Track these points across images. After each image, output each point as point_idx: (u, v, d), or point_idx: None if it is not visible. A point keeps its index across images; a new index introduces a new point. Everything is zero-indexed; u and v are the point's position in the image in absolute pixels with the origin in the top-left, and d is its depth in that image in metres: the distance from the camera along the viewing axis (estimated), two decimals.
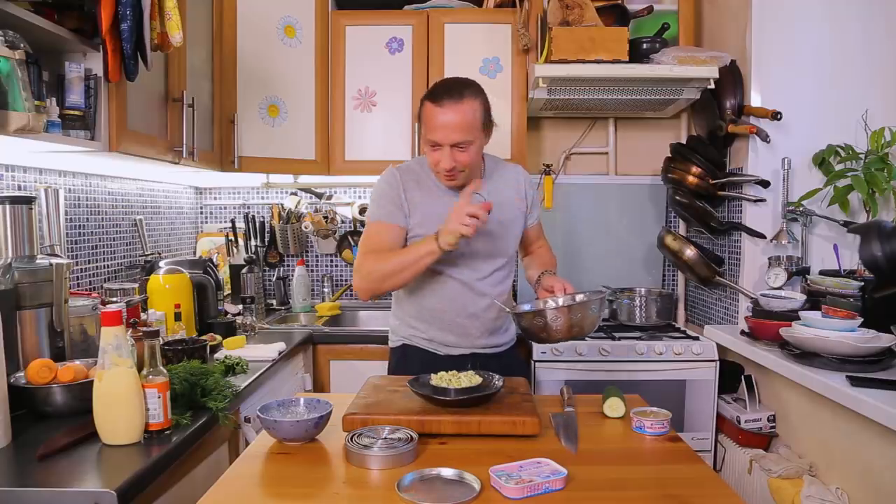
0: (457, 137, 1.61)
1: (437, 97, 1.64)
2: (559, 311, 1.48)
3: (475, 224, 1.49)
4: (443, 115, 1.61)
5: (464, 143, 1.63)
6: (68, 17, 1.55)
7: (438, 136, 1.63)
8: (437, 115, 1.62)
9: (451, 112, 1.61)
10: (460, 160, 1.64)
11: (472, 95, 1.65)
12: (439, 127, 1.62)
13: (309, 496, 1.07)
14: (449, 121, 1.61)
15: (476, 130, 1.64)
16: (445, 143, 1.62)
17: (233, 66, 2.46)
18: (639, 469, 1.17)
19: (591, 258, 2.93)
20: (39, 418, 1.35)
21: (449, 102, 1.61)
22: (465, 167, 1.67)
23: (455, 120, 1.61)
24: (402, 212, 1.72)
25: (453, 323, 1.77)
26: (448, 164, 1.64)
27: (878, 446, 1.63)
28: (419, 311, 1.79)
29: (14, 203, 1.46)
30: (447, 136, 1.62)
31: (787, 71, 2.32)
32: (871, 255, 1.88)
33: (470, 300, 1.75)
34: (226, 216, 3.09)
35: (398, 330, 1.87)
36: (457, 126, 1.61)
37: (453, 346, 1.78)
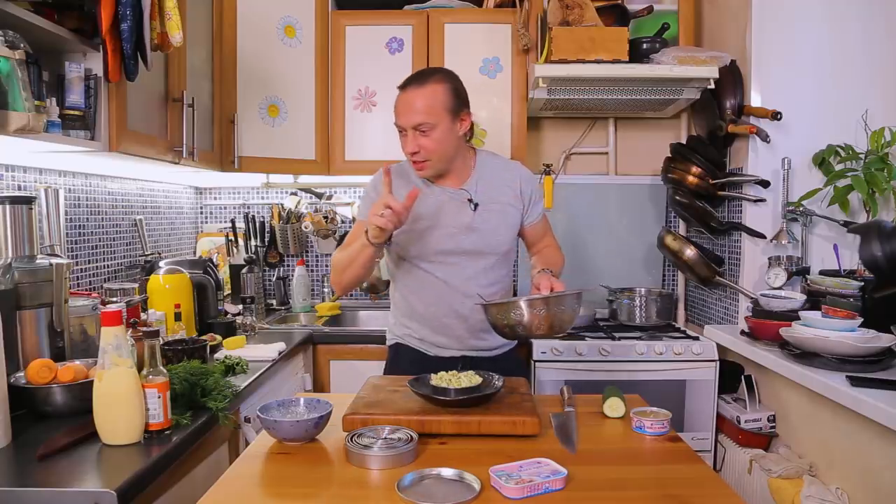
0: (417, 119, 1.60)
1: (404, 83, 1.66)
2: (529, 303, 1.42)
3: (389, 216, 1.46)
4: (405, 98, 1.62)
5: (425, 126, 1.61)
6: (68, 17, 1.55)
7: (400, 119, 1.64)
8: (400, 99, 1.64)
9: (412, 94, 1.62)
10: (423, 145, 1.62)
11: (437, 80, 1.64)
12: (400, 110, 1.63)
13: (309, 496, 1.07)
14: (410, 103, 1.61)
15: (439, 113, 1.61)
16: (406, 125, 1.62)
17: (233, 66, 2.46)
18: (639, 469, 1.17)
19: (591, 258, 2.93)
20: (39, 418, 1.35)
21: (412, 86, 1.63)
22: (431, 154, 1.64)
23: (415, 101, 1.61)
24: None
25: (441, 323, 1.75)
26: (410, 147, 1.63)
27: (878, 446, 1.63)
28: (410, 311, 1.80)
29: (14, 203, 1.46)
30: (408, 119, 1.61)
31: (787, 71, 2.32)
32: (871, 255, 1.88)
33: (457, 300, 1.72)
34: (226, 216, 3.09)
35: (393, 328, 1.88)
36: (417, 108, 1.60)
37: (444, 346, 1.77)
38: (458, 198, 1.73)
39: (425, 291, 1.75)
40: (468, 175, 1.76)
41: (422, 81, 1.63)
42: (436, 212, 1.72)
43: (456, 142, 1.68)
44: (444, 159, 1.68)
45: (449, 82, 1.66)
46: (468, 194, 1.73)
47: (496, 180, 1.78)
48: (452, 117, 1.65)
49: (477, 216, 1.72)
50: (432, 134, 1.62)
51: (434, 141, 1.62)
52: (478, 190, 1.74)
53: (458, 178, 1.75)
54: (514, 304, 1.43)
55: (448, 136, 1.65)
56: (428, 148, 1.63)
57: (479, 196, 1.74)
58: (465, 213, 1.72)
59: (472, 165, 1.78)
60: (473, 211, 1.72)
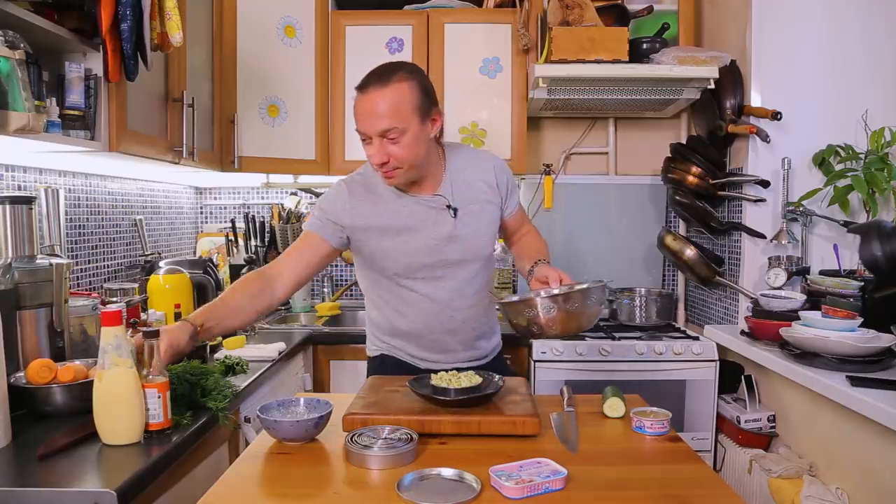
0: (383, 124, 1.41)
1: (362, 84, 1.46)
2: (553, 300, 1.33)
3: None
4: (366, 101, 1.43)
5: (393, 132, 1.42)
6: (68, 17, 1.55)
7: (363, 125, 1.44)
8: (360, 102, 1.45)
9: (375, 97, 1.42)
10: (392, 153, 1.44)
11: (401, 78, 1.44)
12: (363, 115, 1.44)
13: (309, 496, 1.07)
14: (373, 107, 1.42)
15: (407, 116, 1.43)
16: (371, 132, 1.43)
17: (233, 66, 2.46)
18: (639, 469, 1.17)
19: (591, 258, 2.93)
20: (39, 418, 1.35)
21: (374, 87, 1.43)
22: (402, 162, 1.46)
23: (379, 105, 1.41)
24: (332, 228, 1.57)
25: (430, 341, 1.66)
26: (378, 157, 1.45)
27: (878, 446, 1.63)
28: (392, 329, 1.69)
29: (14, 203, 1.46)
30: (372, 125, 1.42)
31: (787, 71, 2.32)
32: (871, 255, 1.88)
33: (446, 317, 1.63)
34: (226, 216, 3.09)
35: (374, 341, 1.77)
36: (381, 111, 1.41)
37: (434, 361, 1.68)
38: (435, 205, 1.58)
39: (409, 310, 1.63)
40: (441, 178, 1.60)
41: (384, 81, 1.43)
42: (413, 224, 1.57)
43: (427, 145, 1.51)
44: (416, 165, 1.50)
45: (415, 78, 1.47)
46: (445, 200, 1.57)
47: (470, 177, 1.63)
48: (422, 118, 1.46)
49: (458, 223, 1.58)
50: (402, 140, 1.44)
51: (404, 147, 1.44)
52: (454, 193, 1.59)
53: (432, 183, 1.59)
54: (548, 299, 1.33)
55: (419, 139, 1.46)
56: (398, 156, 1.45)
57: (456, 200, 1.59)
58: (446, 222, 1.58)
59: (443, 166, 1.61)
60: (454, 217, 1.58)
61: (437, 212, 1.58)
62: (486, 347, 1.76)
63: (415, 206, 1.58)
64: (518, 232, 1.78)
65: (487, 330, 1.75)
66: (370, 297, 1.73)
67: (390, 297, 1.65)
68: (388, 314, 1.68)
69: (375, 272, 1.65)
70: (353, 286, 3.06)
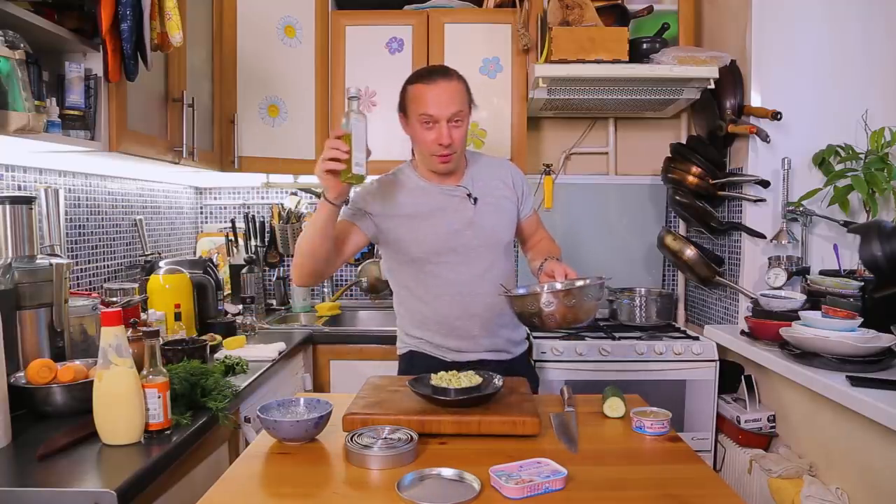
0: (454, 108, 1.61)
1: (427, 77, 1.65)
2: (553, 295, 1.42)
3: (334, 155, 1.38)
4: (437, 89, 1.62)
5: (459, 116, 1.62)
6: (68, 17, 1.55)
7: (434, 110, 1.61)
8: (429, 90, 1.62)
9: (444, 86, 1.62)
10: (455, 136, 1.63)
11: (458, 76, 1.67)
12: (434, 101, 1.61)
13: (309, 496, 1.07)
14: (444, 93, 1.61)
15: (466, 105, 1.66)
16: (442, 116, 1.61)
17: (233, 66, 2.46)
18: (639, 469, 1.17)
19: (591, 258, 2.93)
20: (39, 418, 1.35)
21: (441, 79, 1.63)
22: (458, 146, 1.66)
23: (449, 92, 1.62)
24: (362, 216, 1.70)
25: (454, 326, 1.73)
26: (446, 138, 1.62)
27: (878, 446, 1.63)
28: (420, 319, 1.77)
29: (14, 203, 1.46)
30: (444, 109, 1.61)
31: (787, 71, 2.32)
32: (871, 255, 1.88)
33: (467, 300, 1.72)
34: (226, 216, 3.09)
35: (403, 338, 1.85)
36: (452, 98, 1.61)
37: (459, 350, 1.75)
38: (458, 194, 1.73)
39: (434, 294, 1.73)
40: (463, 171, 1.77)
41: (448, 75, 1.64)
42: (436, 210, 1.71)
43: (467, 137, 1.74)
44: (462, 152, 1.72)
45: (464, 78, 1.70)
46: (466, 190, 1.74)
47: (488, 175, 1.79)
48: (470, 111, 1.69)
49: (477, 210, 1.72)
50: (462, 126, 1.65)
51: (462, 132, 1.65)
52: (474, 185, 1.75)
53: (456, 175, 1.76)
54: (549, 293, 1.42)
55: (468, 128, 1.70)
56: (457, 139, 1.64)
57: (476, 191, 1.74)
58: (467, 209, 1.72)
59: (465, 163, 1.79)
60: (474, 205, 1.73)
61: (460, 199, 1.73)
62: (511, 338, 1.81)
63: (438, 194, 1.73)
64: (534, 237, 1.91)
65: (509, 321, 1.79)
66: (397, 291, 1.82)
67: (415, 284, 1.75)
68: (414, 305, 1.77)
69: (401, 261, 1.75)
70: (353, 286, 3.06)
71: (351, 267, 3.08)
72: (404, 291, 1.79)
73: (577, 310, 1.42)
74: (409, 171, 1.77)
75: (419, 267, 1.73)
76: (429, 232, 1.70)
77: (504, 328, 1.79)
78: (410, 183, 1.75)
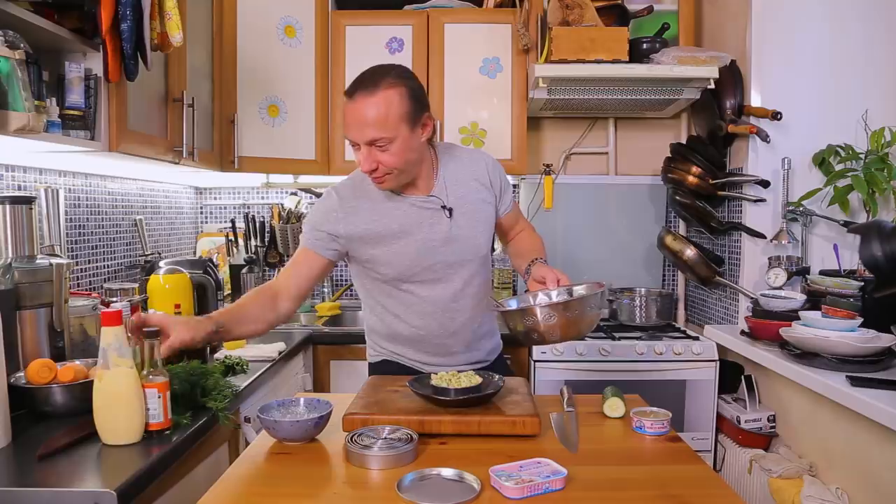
0: (371, 134, 1.41)
1: (351, 90, 1.44)
2: (552, 308, 1.32)
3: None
4: (356, 109, 1.42)
5: (381, 141, 1.42)
6: (68, 17, 1.55)
7: (351, 134, 1.45)
8: (349, 110, 1.44)
9: (362, 105, 1.41)
10: (381, 160, 1.44)
11: (390, 84, 1.42)
12: (351, 123, 1.44)
13: (309, 496, 1.07)
14: (361, 116, 1.41)
15: (395, 125, 1.41)
16: (360, 141, 1.43)
17: (233, 66, 2.46)
18: (639, 469, 1.17)
19: (591, 258, 2.93)
20: (39, 418, 1.35)
21: (361, 95, 1.42)
22: (391, 168, 1.45)
23: (366, 113, 1.40)
24: (327, 240, 1.56)
25: (432, 345, 1.65)
26: (367, 165, 1.44)
27: (878, 446, 1.63)
28: (393, 336, 1.68)
29: (14, 203, 1.46)
30: (360, 133, 1.42)
31: (787, 71, 2.32)
32: (871, 255, 1.88)
33: (447, 319, 1.62)
34: (226, 216, 3.09)
35: (375, 347, 1.76)
36: (369, 120, 1.40)
37: (436, 365, 1.65)
38: (431, 206, 1.57)
39: (409, 314, 1.62)
40: (434, 179, 1.59)
41: (372, 89, 1.41)
42: (408, 226, 1.55)
43: (419, 150, 1.50)
44: (407, 170, 1.50)
45: (403, 84, 1.44)
46: (440, 201, 1.57)
47: (462, 176, 1.62)
48: (412, 125, 1.45)
49: (454, 223, 1.57)
50: (390, 148, 1.43)
51: (393, 155, 1.44)
52: (448, 193, 1.58)
53: (425, 184, 1.58)
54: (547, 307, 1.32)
55: (409, 146, 1.45)
56: (387, 162, 1.44)
57: (450, 200, 1.58)
58: (442, 223, 1.57)
59: (436, 167, 1.61)
60: (449, 218, 1.57)
61: (433, 213, 1.57)
62: (487, 347, 1.76)
63: (409, 208, 1.56)
64: (513, 230, 1.77)
65: (488, 330, 1.75)
66: (368, 303, 1.71)
67: (389, 301, 1.64)
68: (388, 320, 1.67)
69: (373, 278, 1.63)
70: (353, 286, 3.05)
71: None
72: (378, 307, 1.67)
73: (580, 322, 1.33)
74: None
75: (393, 286, 1.61)
76: (402, 251, 1.55)
77: (482, 339, 1.72)
78: (375, 194, 1.56)
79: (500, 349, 1.83)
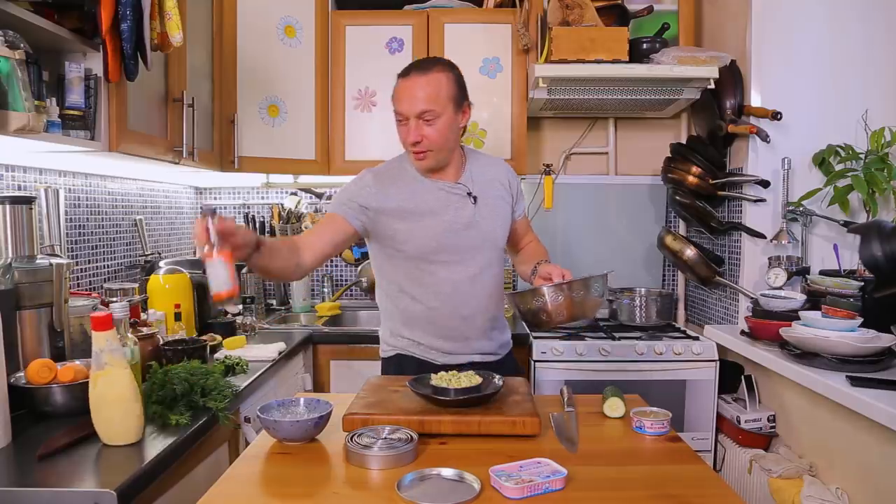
0: (421, 106, 1.56)
1: (405, 71, 1.62)
2: (559, 288, 1.42)
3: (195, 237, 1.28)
4: (408, 86, 1.58)
5: (429, 114, 1.57)
6: (68, 17, 1.55)
7: (402, 107, 1.58)
8: (402, 87, 1.60)
9: (416, 82, 1.58)
10: (426, 134, 1.58)
11: (441, 69, 1.61)
12: (404, 97, 1.58)
13: (309, 496, 1.07)
14: (413, 90, 1.57)
15: (443, 102, 1.58)
16: (410, 113, 1.57)
17: (233, 66, 2.46)
18: (639, 469, 1.17)
19: (591, 258, 2.93)
20: (39, 418, 1.35)
21: (415, 74, 1.59)
22: (433, 144, 1.60)
23: (419, 89, 1.57)
24: (357, 211, 1.65)
25: (445, 327, 1.70)
26: (414, 136, 1.58)
27: (878, 446, 1.63)
28: (409, 317, 1.72)
29: (14, 203, 1.46)
30: (411, 106, 1.57)
31: (787, 71, 2.32)
32: (871, 255, 1.88)
33: (462, 301, 1.69)
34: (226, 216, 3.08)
35: (389, 339, 1.79)
36: (421, 95, 1.56)
37: (450, 352, 1.71)
38: (458, 192, 1.69)
39: (427, 293, 1.69)
40: (462, 169, 1.73)
41: (425, 69, 1.59)
42: (436, 207, 1.67)
43: (456, 134, 1.66)
44: (445, 150, 1.64)
45: (452, 72, 1.64)
46: (466, 188, 1.70)
47: (487, 175, 1.76)
48: (455, 108, 1.62)
49: (477, 210, 1.69)
50: (436, 123, 1.58)
51: (437, 131, 1.59)
52: (473, 184, 1.71)
53: (455, 172, 1.71)
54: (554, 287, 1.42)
55: (450, 126, 1.62)
56: (431, 137, 1.59)
57: (475, 190, 1.71)
58: (467, 208, 1.69)
59: (464, 161, 1.75)
60: (474, 204, 1.69)
61: (459, 198, 1.69)
62: (499, 340, 1.80)
63: (437, 191, 1.68)
64: (524, 239, 1.89)
65: (500, 325, 1.80)
66: (386, 287, 1.76)
67: (407, 282, 1.70)
68: (405, 303, 1.72)
69: (395, 256, 1.70)
70: (352, 286, 3.06)
71: (351, 267, 3.08)
72: (394, 288, 1.73)
73: (584, 303, 1.43)
74: (406, 163, 1.71)
75: (414, 264, 1.68)
76: (427, 229, 1.66)
77: (495, 330, 1.78)
78: (407, 176, 1.69)
79: (511, 347, 1.87)
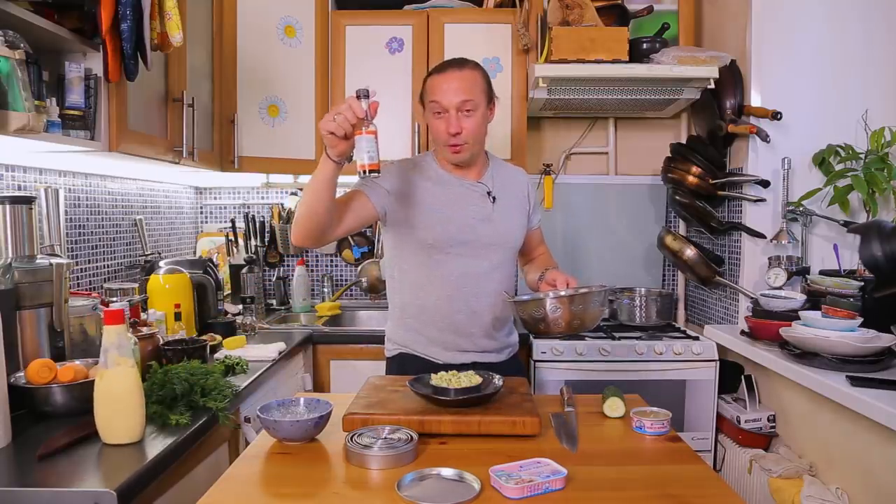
0: (462, 96, 1.62)
1: (441, 68, 1.68)
2: (559, 301, 1.44)
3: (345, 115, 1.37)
4: (447, 79, 1.64)
5: (469, 105, 1.63)
6: (68, 17, 1.55)
7: (443, 99, 1.63)
8: (440, 81, 1.65)
9: (455, 75, 1.64)
10: (465, 126, 1.64)
11: (474, 66, 1.69)
12: (444, 90, 1.63)
13: (309, 496, 1.07)
14: (453, 83, 1.63)
15: (480, 95, 1.65)
16: (451, 104, 1.62)
17: (233, 66, 2.46)
18: (639, 469, 1.17)
19: (591, 258, 2.93)
20: (39, 418, 1.35)
21: (452, 69, 1.66)
22: (471, 136, 1.66)
23: (459, 82, 1.63)
24: (383, 195, 1.66)
25: (452, 321, 1.71)
26: (454, 126, 1.63)
27: (878, 446, 1.63)
28: (418, 309, 1.74)
29: (14, 203, 1.46)
30: (454, 96, 1.62)
31: (787, 71, 2.32)
32: (871, 255, 1.88)
33: (471, 295, 1.70)
34: (226, 216, 3.09)
35: (394, 335, 1.82)
36: (461, 87, 1.62)
37: (453, 349, 1.73)
38: (478, 190, 1.74)
39: (438, 284, 1.71)
40: (485, 170, 1.78)
41: (460, 65, 1.67)
42: (456, 201, 1.71)
43: (486, 129, 1.72)
44: (478, 144, 1.70)
45: (482, 71, 1.71)
46: (486, 187, 1.75)
47: (507, 180, 1.81)
48: (487, 102, 1.69)
49: (495, 209, 1.74)
50: (474, 115, 1.64)
51: (475, 122, 1.65)
52: (494, 184, 1.76)
53: (478, 170, 1.77)
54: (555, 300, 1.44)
55: (483, 120, 1.69)
56: (469, 129, 1.64)
57: (495, 190, 1.76)
58: (485, 205, 1.73)
59: (487, 162, 1.80)
60: (493, 203, 1.74)
61: (479, 195, 1.74)
62: (505, 341, 1.82)
63: (459, 187, 1.73)
64: (536, 249, 1.92)
65: (506, 324, 1.82)
66: (398, 279, 1.78)
67: (419, 271, 1.73)
68: (414, 294, 1.75)
69: (409, 244, 1.72)
70: (352, 286, 3.06)
71: (351, 267, 3.08)
72: (405, 279, 1.76)
73: (584, 316, 1.45)
74: (430, 160, 1.77)
75: (427, 254, 1.71)
76: (444, 221, 1.69)
77: (500, 330, 1.79)
78: (430, 171, 1.75)
79: (517, 350, 1.89)
